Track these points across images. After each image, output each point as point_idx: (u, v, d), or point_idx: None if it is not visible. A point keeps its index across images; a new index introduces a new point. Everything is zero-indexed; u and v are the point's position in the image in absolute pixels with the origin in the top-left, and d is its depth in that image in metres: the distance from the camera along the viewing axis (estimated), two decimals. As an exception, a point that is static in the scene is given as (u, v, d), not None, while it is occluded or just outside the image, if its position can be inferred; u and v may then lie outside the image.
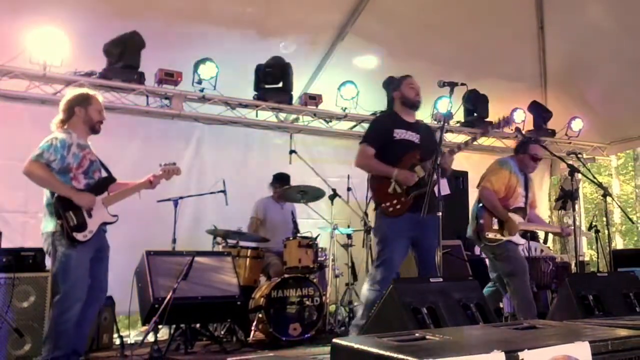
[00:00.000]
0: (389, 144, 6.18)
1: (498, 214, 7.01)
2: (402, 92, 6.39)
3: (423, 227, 5.90)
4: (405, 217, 5.96)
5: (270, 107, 9.64)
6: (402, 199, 6.00)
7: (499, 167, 7.21)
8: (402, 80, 6.45)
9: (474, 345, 2.81)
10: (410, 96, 6.34)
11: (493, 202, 6.98)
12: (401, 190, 6.01)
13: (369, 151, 6.21)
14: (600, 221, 10.12)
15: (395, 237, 6.00)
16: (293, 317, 7.52)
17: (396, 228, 6.00)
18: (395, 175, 6.00)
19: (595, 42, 10.56)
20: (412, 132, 6.28)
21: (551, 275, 9.01)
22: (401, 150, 6.17)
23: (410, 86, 6.37)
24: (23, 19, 7.79)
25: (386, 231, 6.07)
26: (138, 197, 6.12)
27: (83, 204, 5.47)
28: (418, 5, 9.93)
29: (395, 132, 6.20)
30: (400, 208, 5.99)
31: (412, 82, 6.40)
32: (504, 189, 7.11)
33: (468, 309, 4.41)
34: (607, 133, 12.59)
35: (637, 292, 5.39)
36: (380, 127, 6.53)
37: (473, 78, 9.38)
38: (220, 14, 9.03)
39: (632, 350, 2.83)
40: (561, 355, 2.55)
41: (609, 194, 8.27)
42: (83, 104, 5.73)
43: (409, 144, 6.22)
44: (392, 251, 5.99)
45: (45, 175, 5.36)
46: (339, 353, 2.94)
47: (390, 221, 6.05)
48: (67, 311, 5.35)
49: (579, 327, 3.35)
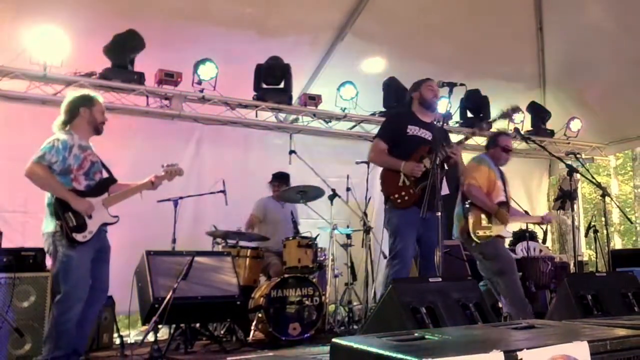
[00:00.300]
0: (401, 139, 6.35)
1: (488, 207, 6.99)
2: (421, 92, 6.56)
3: (426, 224, 6.00)
4: (414, 210, 6.00)
5: (270, 107, 9.63)
6: (410, 191, 6.13)
7: (477, 164, 7.21)
8: (422, 82, 6.60)
9: (473, 344, 2.81)
10: (427, 97, 6.51)
11: (481, 197, 6.96)
12: (410, 182, 6.15)
13: (382, 146, 6.40)
14: (599, 221, 10.12)
15: (406, 228, 6.13)
16: (293, 317, 7.52)
17: (406, 219, 6.13)
18: (402, 167, 6.15)
19: (594, 43, 10.55)
20: (425, 130, 6.42)
21: (550, 275, 9.02)
22: (413, 145, 6.31)
23: (429, 88, 6.53)
24: (24, 19, 7.80)
25: (397, 222, 6.20)
26: (140, 197, 6.13)
27: (81, 210, 5.47)
28: (417, 5, 9.93)
29: (409, 128, 6.37)
30: (408, 200, 6.12)
31: (432, 84, 6.52)
32: (486, 185, 7.12)
33: (467, 308, 4.41)
34: (605, 133, 12.58)
35: (636, 292, 5.41)
36: (394, 123, 6.70)
37: (472, 78, 9.39)
38: (220, 15, 9.03)
39: (631, 349, 2.83)
40: (560, 355, 2.55)
41: (607, 194, 8.26)
42: (88, 105, 5.76)
43: (420, 140, 6.35)
44: (405, 242, 6.09)
45: (45, 177, 5.38)
46: (338, 353, 2.94)
47: (400, 213, 6.18)
48: (68, 311, 5.35)
49: (577, 326, 3.35)
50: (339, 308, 8.84)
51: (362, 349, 2.76)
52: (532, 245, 9.58)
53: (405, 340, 2.87)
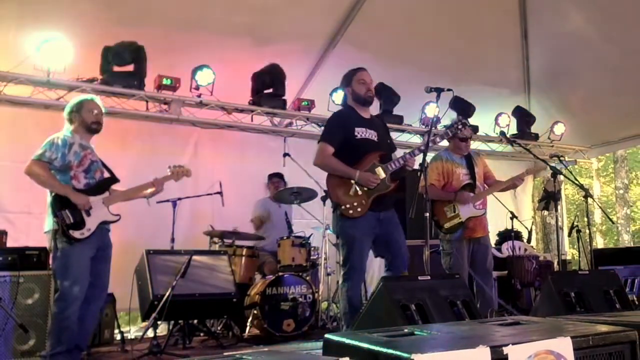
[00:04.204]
0: (349, 143, 5.82)
1: (444, 197, 6.99)
2: (352, 88, 6.02)
3: (384, 224, 5.80)
4: (367, 217, 5.68)
5: (265, 112, 9.62)
6: (362, 201, 5.67)
7: (430, 163, 7.06)
8: (352, 76, 6.05)
9: (461, 340, 2.81)
10: (360, 93, 5.98)
11: (435, 193, 6.84)
12: (362, 192, 5.68)
13: (329, 150, 5.83)
14: (581, 221, 10.13)
15: (362, 237, 5.72)
16: (287, 314, 7.52)
17: (360, 228, 5.70)
18: (357, 177, 5.65)
19: (577, 50, 10.58)
20: (371, 130, 5.93)
21: (534, 273, 9.05)
22: (362, 150, 5.82)
23: (360, 82, 5.99)
24: (28, 27, 7.79)
25: (352, 233, 5.71)
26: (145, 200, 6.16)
27: (79, 203, 5.48)
28: (406, 14, 9.94)
29: (357, 131, 5.84)
30: (361, 210, 5.66)
31: (362, 76, 6.00)
32: (441, 178, 7.09)
33: (455, 305, 4.41)
34: (588, 137, 12.63)
35: (617, 290, 5.42)
36: (339, 125, 6.01)
37: (459, 84, 9.38)
38: (216, 23, 9.02)
39: (612, 345, 2.84)
40: (544, 350, 2.56)
41: (590, 195, 8.28)
42: (76, 109, 5.81)
43: (369, 143, 5.88)
44: (360, 253, 5.73)
45: (44, 175, 5.42)
46: (331, 348, 2.94)
47: (352, 222, 5.69)
48: (67, 308, 5.35)
49: (561, 323, 3.36)
50: (331, 305, 8.82)
51: (353, 344, 2.76)
52: (517, 244, 9.61)
53: (395, 336, 2.88)
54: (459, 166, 7.16)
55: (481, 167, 7.40)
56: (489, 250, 7.22)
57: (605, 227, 27.68)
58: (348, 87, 6.07)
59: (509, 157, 12.22)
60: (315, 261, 8.48)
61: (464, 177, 7.13)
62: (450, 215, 6.98)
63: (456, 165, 7.14)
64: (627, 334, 2.92)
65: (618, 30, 9.64)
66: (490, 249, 7.30)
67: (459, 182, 7.09)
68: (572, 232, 9.65)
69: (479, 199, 7.04)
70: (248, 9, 9.07)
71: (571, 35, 10.37)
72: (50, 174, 5.44)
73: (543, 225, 14.25)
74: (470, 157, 7.31)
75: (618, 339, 2.87)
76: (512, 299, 9.17)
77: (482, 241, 7.12)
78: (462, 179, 7.11)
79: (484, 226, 7.18)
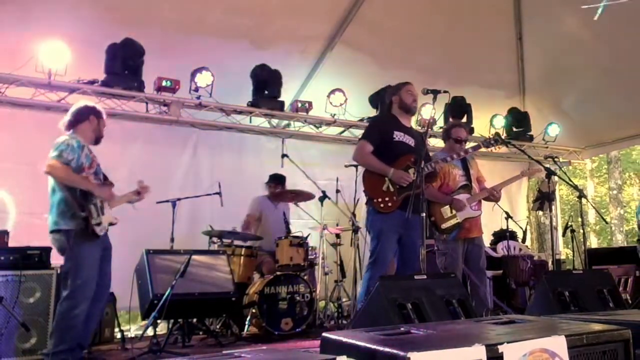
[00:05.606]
0: (387, 143, 6.20)
1: (441, 200, 6.99)
2: (400, 96, 6.41)
3: (409, 226, 5.91)
4: (396, 214, 5.94)
5: (263, 113, 9.62)
6: (393, 198, 6.00)
7: None
8: (401, 86, 6.48)
9: (457, 339, 2.81)
10: (407, 101, 6.38)
11: (432, 193, 6.87)
12: (394, 188, 6.01)
13: (368, 148, 6.20)
14: (575, 221, 10.17)
15: (389, 232, 6.02)
16: (285, 312, 7.52)
17: (389, 224, 6.01)
18: (391, 174, 6.01)
19: (571, 52, 10.61)
20: (408, 136, 6.31)
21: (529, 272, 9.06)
22: (398, 151, 6.18)
23: (408, 92, 6.41)
24: (30, 29, 7.78)
25: (381, 227, 6.05)
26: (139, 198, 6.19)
27: (105, 196, 5.60)
28: (403, 17, 9.96)
29: (395, 134, 6.23)
30: (391, 206, 5.99)
31: (410, 88, 6.44)
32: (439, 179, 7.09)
33: (451, 304, 4.42)
34: (582, 138, 12.64)
35: (611, 289, 5.43)
36: (381, 126, 6.48)
37: (455, 86, 9.39)
38: (215, 26, 9.03)
39: (606, 343, 2.85)
40: (539, 349, 2.57)
41: (583, 196, 8.28)
42: (97, 115, 5.92)
43: (405, 146, 6.24)
44: (386, 246, 6.01)
45: (66, 173, 5.45)
46: (328, 346, 2.95)
47: (383, 217, 6.03)
48: (77, 307, 5.37)
49: (555, 321, 3.37)
50: (328, 304, 8.84)
51: (351, 342, 2.77)
52: (512, 244, 9.63)
53: (392, 334, 2.88)
54: (455, 167, 7.18)
55: (475, 170, 7.43)
56: (482, 250, 7.25)
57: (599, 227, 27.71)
58: (395, 95, 6.49)
59: (504, 158, 12.22)
60: (312, 261, 8.47)
61: (460, 179, 7.14)
62: (447, 216, 6.98)
63: (452, 166, 7.16)
64: (621, 333, 2.93)
65: (612, 32, 9.65)
66: (483, 249, 7.32)
67: (455, 182, 7.10)
68: (566, 232, 9.67)
69: (474, 200, 7.07)
70: (247, 11, 9.09)
71: (566, 37, 10.39)
72: (72, 171, 5.48)
73: (538, 225, 14.28)
74: (465, 159, 7.33)
75: (612, 338, 2.89)
76: (507, 298, 9.18)
77: (476, 241, 7.14)
78: (459, 180, 7.12)
79: (479, 227, 7.20)
